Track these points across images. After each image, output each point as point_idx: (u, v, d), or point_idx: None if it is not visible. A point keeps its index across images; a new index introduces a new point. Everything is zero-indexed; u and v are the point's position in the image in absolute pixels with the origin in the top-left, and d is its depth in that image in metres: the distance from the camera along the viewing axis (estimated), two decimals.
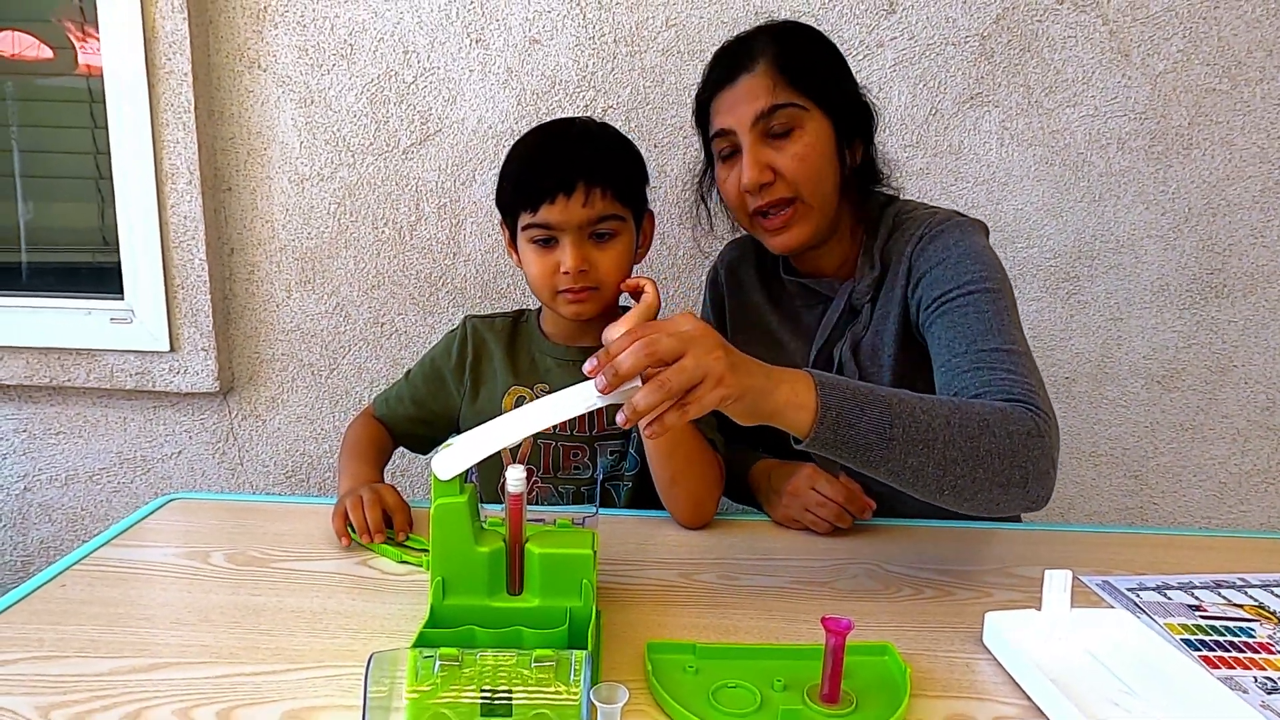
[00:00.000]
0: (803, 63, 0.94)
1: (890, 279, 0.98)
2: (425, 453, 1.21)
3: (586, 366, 0.66)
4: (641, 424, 0.66)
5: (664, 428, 0.66)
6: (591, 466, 1.06)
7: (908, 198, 1.07)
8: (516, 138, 1.04)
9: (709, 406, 0.66)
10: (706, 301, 1.23)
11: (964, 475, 0.73)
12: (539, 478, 1.06)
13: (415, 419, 1.13)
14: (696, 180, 1.11)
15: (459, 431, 1.12)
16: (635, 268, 1.05)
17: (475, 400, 1.10)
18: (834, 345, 1.02)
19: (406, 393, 1.14)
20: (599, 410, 1.05)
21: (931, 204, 1.06)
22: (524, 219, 0.98)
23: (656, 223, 1.10)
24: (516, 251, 1.03)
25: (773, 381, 0.69)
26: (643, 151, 1.05)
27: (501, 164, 1.05)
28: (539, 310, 1.12)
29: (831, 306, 1.02)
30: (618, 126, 1.01)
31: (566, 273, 0.96)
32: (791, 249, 0.99)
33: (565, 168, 0.95)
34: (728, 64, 0.97)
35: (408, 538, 0.91)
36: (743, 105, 0.94)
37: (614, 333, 0.99)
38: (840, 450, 0.72)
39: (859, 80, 1.02)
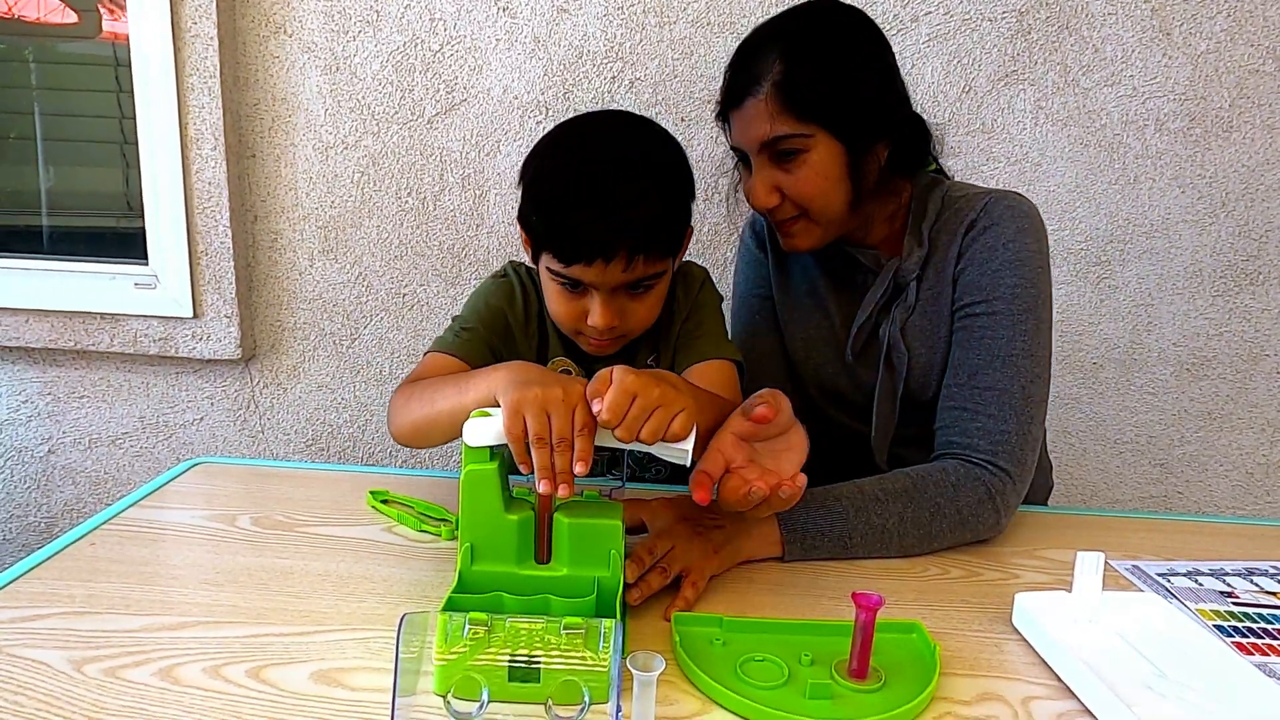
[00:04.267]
0: (809, 85, 0.89)
1: (940, 259, 0.97)
2: None
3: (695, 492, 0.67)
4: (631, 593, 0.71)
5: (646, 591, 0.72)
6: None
7: (957, 179, 1.04)
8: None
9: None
10: (748, 248, 1.16)
11: (916, 548, 0.86)
12: None
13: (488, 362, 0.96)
14: (733, 169, 1.08)
15: None
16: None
17: (535, 355, 0.99)
18: (881, 325, 1.00)
19: (481, 335, 0.94)
20: None
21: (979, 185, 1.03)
22: (549, 261, 0.87)
23: None
24: (535, 263, 0.94)
25: (741, 545, 0.81)
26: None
27: (526, 168, 0.92)
28: None
29: (876, 282, 1.00)
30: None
31: (594, 325, 0.88)
32: (801, 251, 1.01)
33: (607, 231, 0.82)
34: (738, 82, 0.94)
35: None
36: (750, 129, 0.93)
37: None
38: (812, 560, 0.84)
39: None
